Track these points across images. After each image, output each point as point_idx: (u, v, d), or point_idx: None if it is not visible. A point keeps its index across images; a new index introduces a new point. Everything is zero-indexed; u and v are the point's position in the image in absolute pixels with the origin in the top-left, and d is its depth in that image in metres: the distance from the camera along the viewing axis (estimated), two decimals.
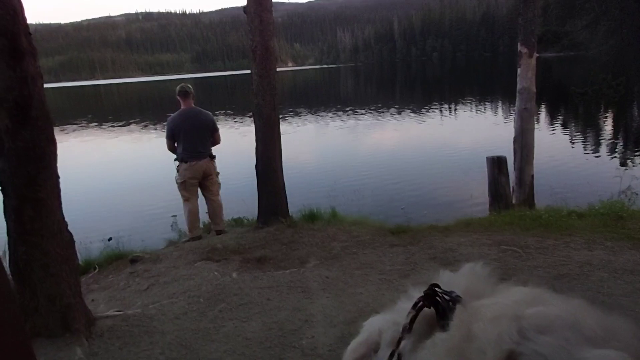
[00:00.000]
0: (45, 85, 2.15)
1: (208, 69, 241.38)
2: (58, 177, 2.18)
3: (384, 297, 2.54)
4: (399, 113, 18.71)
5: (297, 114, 19.58)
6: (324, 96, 33.77)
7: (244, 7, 5.19)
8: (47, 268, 2.08)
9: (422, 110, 19.28)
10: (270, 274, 3.19)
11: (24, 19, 2.02)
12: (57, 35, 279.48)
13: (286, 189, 5.24)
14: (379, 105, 22.20)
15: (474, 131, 13.05)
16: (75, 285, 2.25)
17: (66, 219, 2.28)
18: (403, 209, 5.59)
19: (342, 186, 7.13)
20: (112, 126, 20.01)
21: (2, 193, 2.04)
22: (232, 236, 4.84)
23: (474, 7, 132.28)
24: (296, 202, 5.54)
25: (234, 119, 19.20)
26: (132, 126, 20.02)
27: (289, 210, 5.30)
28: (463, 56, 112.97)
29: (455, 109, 18.98)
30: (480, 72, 50.99)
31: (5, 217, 2.07)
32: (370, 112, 19.37)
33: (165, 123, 5.26)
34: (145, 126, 19.94)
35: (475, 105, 19.60)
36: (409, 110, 19.47)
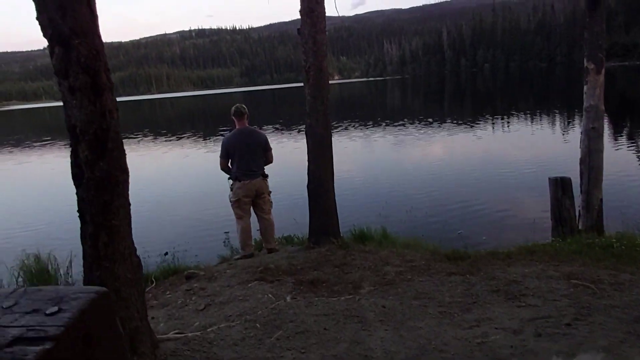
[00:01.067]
0: None
1: (256, 82, 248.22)
2: (129, 204, 2.27)
3: (447, 334, 2.43)
4: (450, 127, 18.26)
5: (345, 128, 19.58)
6: (372, 109, 33.66)
7: (298, 29, 5.27)
8: (118, 292, 2.16)
9: (475, 123, 18.74)
10: (324, 300, 3.16)
11: (104, 56, 2.14)
12: (118, 53, 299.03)
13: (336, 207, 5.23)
14: (429, 118, 21.78)
15: (533, 148, 12.39)
16: (142, 309, 2.32)
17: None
18: (460, 233, 5.39)
19: (393, 205, 7.01)
20: (166, 140, 20.95)
21: (80, 220, 2.15)
22: (283, 255, 4.86)
23: (529, 16, 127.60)
24: (345, 220, 5.51)
25: (282, 133, 19.52)
26: (185, 140, 20.85)
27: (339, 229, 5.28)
28: (516, 67, 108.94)
29: (509, 123, 18.26)
30: (536, 83, 48.90)
31: (82, 243, 2.17)
32: (420, 126, 19.04)
33: (216, 138, 5.44)
34: (197, 140, 20.70)
35: (532, 120, 18.73)
36: (461, 124, 18.97)
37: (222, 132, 23.11)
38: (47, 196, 11.43)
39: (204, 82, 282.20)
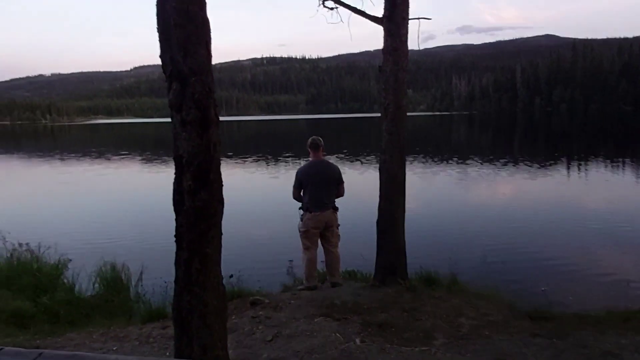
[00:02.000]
0: None
1: (321, 110, 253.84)
2: (221, 234, 2.35)
3: None
4: (523, 167, 17.36)
5: (410, 162, 19.32)
6: (438, 144, 33.03)
7: (380, 66, 5.33)
8: (205, 319, 2.21)
9: (550, 166, 17.69)
10: (397, 349, 3.04)
11: (214, 93, 2.27)
12: None
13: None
14: (499, 157, 20.93)
15: (622, 199, 11.33)
16: (224, 339, 2.36)
17: None
18: (544, 290, 5.01)
19: (463, 249, 6.70)
20: (233, 162, 21.82)
21: (177, 245, 2.24)
22: (348, 291, 4.79)
23: (613, 57, 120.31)
24: (411, 261, 5.33)
25: (346, 163, 19.63)
26: (250, 163, 21.60)
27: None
28: (597, 109, 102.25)
29: (590, 169, 17.04)
30: (620, 127, 45.57)
31: (176, 267, 2.26)
32: (490, 165, 18.30)
33: (280, 162, 5.53)
34: (262, 164, 21.36)
35: (617, 168, 17.34)
36: (535, 165, 17.99)
37: (286, 157, 23.76)
38: (122, 208, 12.24)
39: (271, 107, 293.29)
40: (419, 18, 5.32)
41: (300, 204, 5.24)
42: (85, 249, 7.55)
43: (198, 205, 2.17)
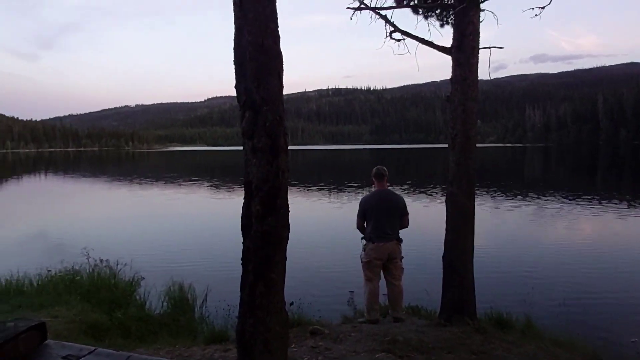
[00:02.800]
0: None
1: (385, 141, 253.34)
2: (286, 259, 2.36)
3: None
4: (606, 205, 15.90)
5: (479, 196, 18.52)
6: (510, 177, 31.37)
7: (448, 96, 5.24)
8: (267, 343, 2.21)
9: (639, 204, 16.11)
10: None
11: (285, 121, 2.33)
12: None
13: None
14: (580, 193, 19.37)
15: None
16: None
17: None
18: (634, 341, 4.46)
19: (540, 291, 6.16)
20: (299, 191, 22.22)
21: (243, 268, 2.29)
22: (411, 328, 4.58)
23: None
24: (481, 300, 5.01)
25: (411, 194, 19.25)
26: (313, 191, 21.88)
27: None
28: None
29: None
30: None
31: (241, 290, 2.30)
32: (568, 201, 16.92)
33: (343, 192, 5.50)
34: (325, 193, 21.54)
35: None
36: (620, 203, 16.46)
37: (349, 187, 23.81)
38: (192, 231, 12.84)
39: (335, 137, 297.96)
40: (490, 47, 5.18)
41: (362, 234, 5.18)
42: (157, 268, 7.96)
43: (265, 230, 2.21)
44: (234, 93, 2.44)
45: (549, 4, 4.51)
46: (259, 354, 2.20)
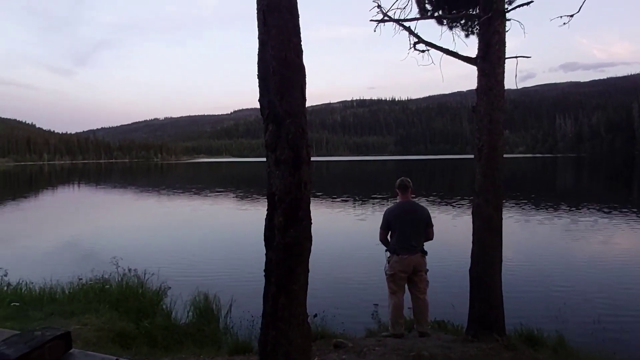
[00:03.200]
0: None
1: (410, 152, 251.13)
2: (308, 271, 2.36)
3: None
4: None
5: (508, 208, 18.05)
6: (540, 189, 30.44)
7: (473, 106, 5.17)
8: (289, 356, 2.21)
9: None
10: None
11: (307, 134, 2.35)
12: None
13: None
14: (615, 206, 18.58)
15: None
16: None
17: None
18: None
19: (573, 308, 5.90)
20: (323, 202, 22.23)
21: (265, 280, 2.30)
22: (437, 343, 4.48)
23: None
24: (510, 315, 4.85)
25: (433, 206, 18.96)
26: (338, 203, 21.83)
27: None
28: None
29: None
30: None
31: (264, 301, 2.31)
32: (604, 214, 16.20)
33: (367, 204, 5.44)
34: (348, 204, 21.47)
35: None
36: None
37: (373, 198, 23.66)
38: (217, 241, 13.01)
39: (359, 148, 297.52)
40: (516, 57, 5.09)
41: (386, 247, 5.12)
42: (183, 278, 8.08)
43: (287, 242, 2.22)
44: (259, 105, 2.48)
45: (578, 12, 4.42)
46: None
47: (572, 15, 4.50)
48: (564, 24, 4.58)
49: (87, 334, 4.72)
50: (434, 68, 5.53)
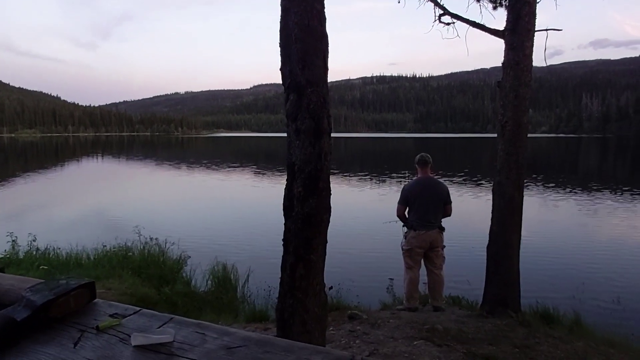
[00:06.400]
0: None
1: (429, 129, 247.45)
2: (326, 242, 2.37)
3: None
4: None
5: (529, 188, 17.73)
6: (563, 169, 29.73)
7: (499, 81, 5.03)
8: (305, 324, 2.25)
9: None
10: None
11: (328, 104, 2.32)
12: None
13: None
14: None
15: None
16: (322, 346, 2.36)
17: None
18: None
19: (591, 288, 5.85)
20: (342, 178, 22.21)
21: (284, 249, 2.33)
22: (451, 318, 4.51)
23: None
24: (526, 293, 4.84)
25: (453, 184, 18.76)
26: (354, 179, 21.80)
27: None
28: None
29: None
30: None
31: (282, 270, 2.34)
32: (628, 197, 15.89)
33: (386, 181, 5.42)
34: (365, 180, 21.42)
35: None
36: None
37: (392, 175, 23.53)
38: (237, 213, 13.20)
39: (378, 125, 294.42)
40: (547, 29, 4.91)
41: (403, 222, 5.11)
42: (202, 247, 8.26)
43: (306, 212, 2.23)
44: (278, 80, 2.45)
45: None
46: (297, 334, 2.24)
47: None
48: None
49: (110, 298, 4.89)
50: (456, 44, 5.48)
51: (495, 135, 4.91)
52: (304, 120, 2.24)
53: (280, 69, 2.34)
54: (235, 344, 0.65)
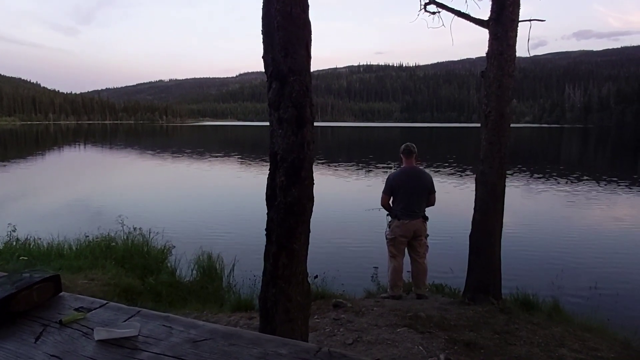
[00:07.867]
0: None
1: (416, 119, 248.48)
2: (309, 231, 2.38)
3: None
4: None
5: (510, 177, 17.97)
6: (544, 159, 30.22)
7: (483, 71, 5.06)
8: (288, 313, 2.26)
9: None
10: None
11: (311, 92, 2.31)
12: None
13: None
14: (618, 178, 18.46)
15: None
16: (305, 335, 2.39)
17: None
18: None
19: (569, 275, 6.00)
20: (327, 167, 22.25)
21: (266, 239, 2.33)
22: (434, 305, 4.59)
23: None
24: (507, 280, 4.93)
25: (437, 173, 18.95)
26: (340, 169, 21.84)
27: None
28: None
29: None
30: None
31: (264, 260, 2.34)
32: (607, 186, 16.10)
33: (370, 170, 5.44)
34: (351, 170, 21.48)
35: None
36: None
37: (377, 165, 23.64)
38: (221, 203, 13.13)
39: (365, 114, 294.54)
40: (530, 20, 4.94)
41: (387, 211, 5.15)
42: (187, 237, 8.21)
43: (289, 201, 2.23)
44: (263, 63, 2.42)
45: None
46: (280, 322, 2.25)
47: None
48: None
49: (94, 289, 4.85)
50: (442, 34, 5.51)
51: (480, 122, 4.95)
52: (287, 108, 2.22)
53: (263, 57, 2.31)
54: (202, 337, 0.65)
